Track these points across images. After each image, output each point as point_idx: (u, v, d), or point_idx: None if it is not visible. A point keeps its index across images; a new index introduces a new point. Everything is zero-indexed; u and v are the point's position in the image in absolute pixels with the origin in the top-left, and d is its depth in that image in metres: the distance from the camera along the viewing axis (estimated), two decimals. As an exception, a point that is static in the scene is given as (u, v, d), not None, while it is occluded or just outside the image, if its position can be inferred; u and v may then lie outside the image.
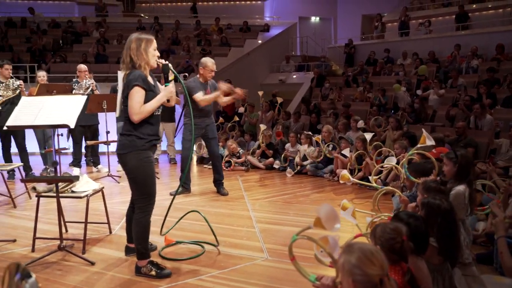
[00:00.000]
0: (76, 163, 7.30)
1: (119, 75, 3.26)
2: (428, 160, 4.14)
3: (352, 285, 1.68)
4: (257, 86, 13.62)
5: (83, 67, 7.16)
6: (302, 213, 4.96)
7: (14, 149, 6.64)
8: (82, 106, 3.47)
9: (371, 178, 5.48)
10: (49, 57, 12.24)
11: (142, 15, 16.34)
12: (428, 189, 3.03)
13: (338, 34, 17.78)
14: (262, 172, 7.86)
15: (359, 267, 1.66)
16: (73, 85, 7.01)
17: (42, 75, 7.03)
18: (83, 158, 7.80)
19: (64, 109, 3.39)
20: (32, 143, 7.15)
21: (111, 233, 4.17)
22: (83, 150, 7.69)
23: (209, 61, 5.58)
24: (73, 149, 7.39)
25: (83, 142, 7.47)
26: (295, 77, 13.93)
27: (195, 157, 8.81)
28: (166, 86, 3.14)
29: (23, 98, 3.69)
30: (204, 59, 5.66)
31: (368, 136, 6.12)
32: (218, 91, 5.45)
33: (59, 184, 3.56)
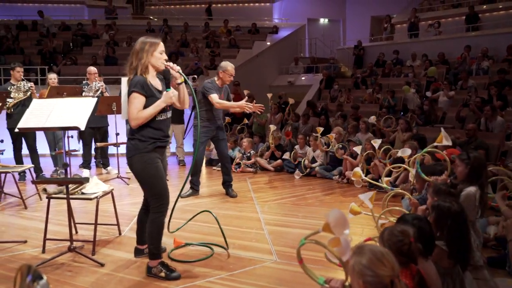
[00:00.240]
0: (86, 165, 7.36)
1: (123, 80, 3.27)
2: (439, 162, 4.11)
3: (362, 286, 1.68)
4: (266, 88, 13.62)
5: (92, 69, 7.22)
6: (311, 215, 4.95)
7: (25, 151, 6.72)
8: (92, 108, 3.50)
9: (381, 179, 5.44)
10: (60, 59, 12.34)
11: (151, 17, 16.43)
12: (438, 192, 3.00)
13: (347, 35, 17.72)
14: (271, 174, 7.86)
15: (370, 268, 1.67)
16: (83, 87, 7.07)
17: (53, 77, 7.10)
18: (93, 160, 7.85)
19: (74, 111, 3.42)
20: (43, 145, 7.21)
21: (120, 234, 4.19)
22: (93, 152, 7.74)
23: (229, 65, 5.58)
24: (83, 151, 7.46)
25: (93, 144, 7.53)
26: (303, 79, 13.91)
27: (204, 159, 8.82)
28: (166, 91, 3.11)
29: (34, 100, 3.73)
30: (224, 63, 5.65)
31: (376, 144, 6.07)
32: (232, 101, 5.52)
33: (69, 185, 3.59)
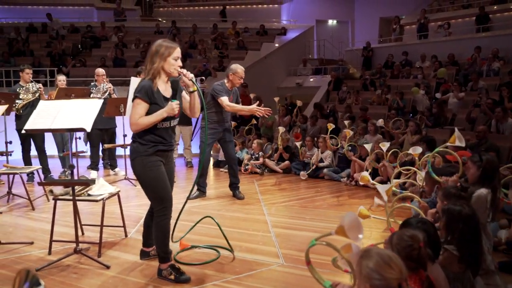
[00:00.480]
0: (93, 166, 7.37)
1: (132, 80, 3.25)
2: (450, 164, 4.05)
3: None
4: (274, 89, 13.59)
5: (101, 71, 7.24)
6: (318, 218, 4.90)
7: (34, 152, 6.75)
8: (98, 110, 3.49)
9: (390, 182, 5.38)
10: (69, 61, 12.42)
11: (160, 19, 16.48)
12: (448, 195, 2.95)
13: (355, 37, 17.63)
14: (279, 176, 7.82)
15: (377, 271, 1.64)
16: (91, 89, 7.09)
17: (62, 79, 7.13)
18: (100, 161, 7.86)
19: (80, 112, 3.42)
20: (51, 146, 7.25)
21: (126, 236, 4.17)
22: (101, 153, 7.75)
23: (239, 68, 5.57)
24: (90, 152, 7.48)
25: (101, 145, 7.54)
26: (312, 80, 13.86)
27: (212, 161, 8.81)
28: (172, 102, 3.04)
29: (40, 102, 3.74)
30: (234, 65, 5.64)
31: (384, 147, 6.00)
32: (243, 105, 5.55)
33: (76, 187, 3.58)
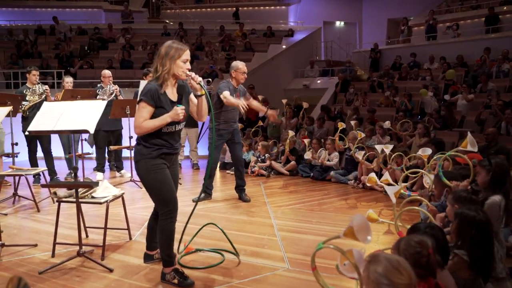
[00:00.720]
0: (99, 168, 7.36)
1: (141, 83, 3.21)
2: (460, 166, 3.96)
3: None
4: (281, 91, 13.54)
5: (107, 73, 7.23)
6: (325, 221, 4.83)
7: (40, 154, 6.75)
8: (101, 111, 3.46)
9: (398, 184, 5.30)
10: (77, 63, 12.47)
11: (167, 21, 16.50)
12: (458, 199, 2.87)
13: (363, 38, 17.55)
14: (285, 178, 7.76)
15: (386, 276, 1.59)
16: (98, 91, 7.09)
17: (69, 81, 7.14)
18: (106, 163, 7.85)
19: (84, 114, 3.39)
20: (57, 148, 7.25)
21: (131, 239, 4.14)
22: (107, 155, 7.74)
23: (239, 63, 5.63)
24: (96, 154, 7.47)
25: (107, 147, 7.53)
26: (319, 82, 13.79)
27: (218, 163, 8.77)
28: (177, 106, 2.98)
29: (45, 103, 3.72)
30: (234, 62, 5.70)
31: (387, 149, 5.92)
32: (242, 99, 5.45)
33: (79, 189, 3.56)
